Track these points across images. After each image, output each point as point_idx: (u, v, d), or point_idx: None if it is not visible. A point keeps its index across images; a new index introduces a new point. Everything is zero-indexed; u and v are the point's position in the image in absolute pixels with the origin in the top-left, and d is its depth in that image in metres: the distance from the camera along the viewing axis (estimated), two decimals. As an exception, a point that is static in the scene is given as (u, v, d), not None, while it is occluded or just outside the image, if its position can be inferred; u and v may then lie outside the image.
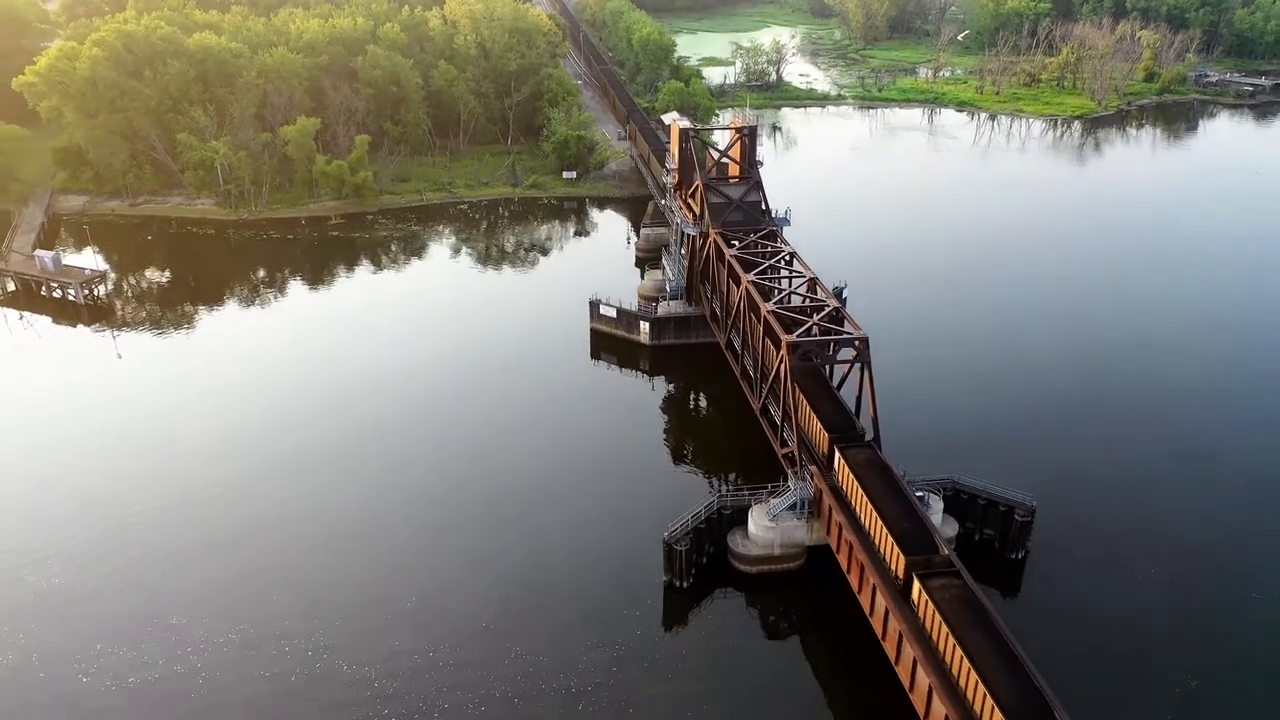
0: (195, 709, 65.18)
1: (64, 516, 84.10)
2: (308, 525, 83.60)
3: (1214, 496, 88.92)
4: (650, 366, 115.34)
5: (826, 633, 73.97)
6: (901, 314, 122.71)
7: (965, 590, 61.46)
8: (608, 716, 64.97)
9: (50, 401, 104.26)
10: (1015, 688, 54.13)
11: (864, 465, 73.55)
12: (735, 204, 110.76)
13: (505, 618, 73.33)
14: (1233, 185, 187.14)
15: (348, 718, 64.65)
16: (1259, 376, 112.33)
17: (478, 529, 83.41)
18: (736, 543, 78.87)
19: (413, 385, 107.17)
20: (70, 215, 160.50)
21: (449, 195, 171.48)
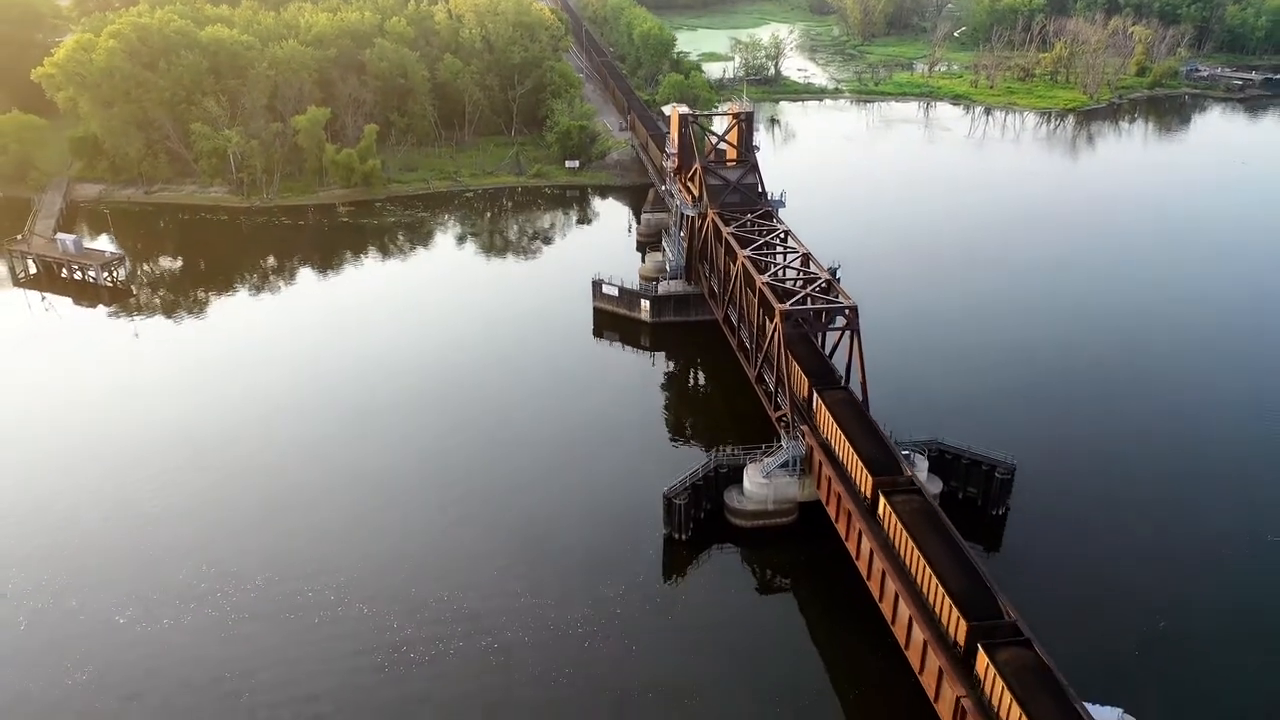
0: (227, 638, 69.72)
1: (91, 480, 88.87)
2: (328, 486, 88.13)
3: (1184, 459, 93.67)
4: (651, 343, 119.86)
5: (816, 582, 78.40)
6: (893, 293, 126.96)
7: (924, 504, 68.42)
8: (612, 652, 69.47)
9: (75, 373, 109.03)
10: (964, 580, 60.65)
11: (839, 403, 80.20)
12: (732, 186, 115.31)
13: (515, 566, 77.80)
14: (1218, 174, 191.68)
15: (369, 653, 69.05)
16: (1233, 352, 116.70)
17: (489, 490, 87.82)
18: (733, 499, 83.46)
19: (422, 361, 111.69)
20: (87, 202, 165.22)
21: (455, 184, 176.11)
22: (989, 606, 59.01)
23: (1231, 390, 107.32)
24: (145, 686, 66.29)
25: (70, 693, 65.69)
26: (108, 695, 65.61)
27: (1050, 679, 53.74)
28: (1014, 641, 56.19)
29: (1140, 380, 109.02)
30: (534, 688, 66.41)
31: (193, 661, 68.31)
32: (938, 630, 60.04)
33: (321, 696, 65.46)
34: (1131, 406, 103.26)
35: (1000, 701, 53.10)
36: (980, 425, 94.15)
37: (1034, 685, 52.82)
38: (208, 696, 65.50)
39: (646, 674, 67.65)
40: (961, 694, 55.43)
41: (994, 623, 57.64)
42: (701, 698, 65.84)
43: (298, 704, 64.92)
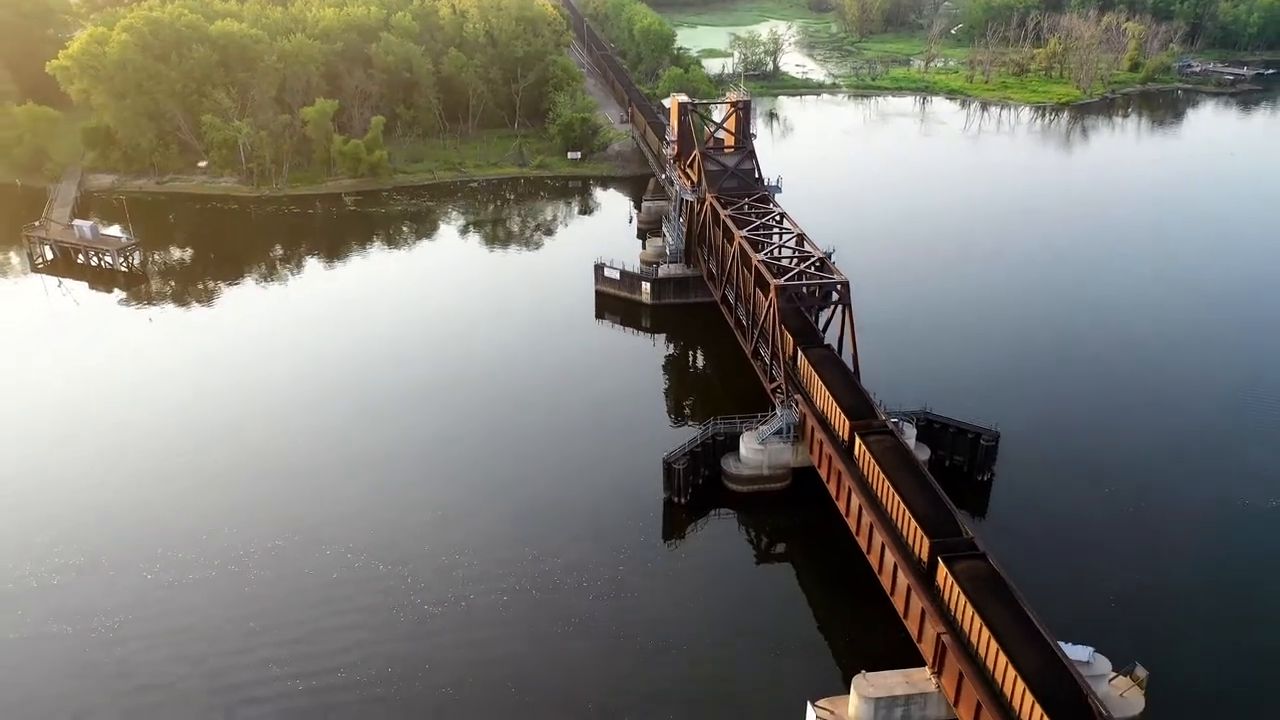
0: (248, 596, 73.59)
1: (118, 450, 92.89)
2: (342, 457, 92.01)
3: (1165, 431, 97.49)
4: (651, 324, 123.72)
5: (810, 543, 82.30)
6: (887, 277, 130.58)
7: (896, 443, 73.88)
8: (616, 604, 73.32)
9: (94, 355, 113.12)
10: (928, 506, 66.29)
11: (821, 359, 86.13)
12: (730, 171, 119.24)
13: (522, 527, 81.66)
14: (1208, 165, 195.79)
15: (384, 605, 72.93)
16: (1219, 334, 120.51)
17: (496, 461, 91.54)
18: (729, 465, 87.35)
19: (429, 344, 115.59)
20: (100, 192, 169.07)
21: (459, 174, 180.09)
22: (949, 527, 64.72)
23: (1214, 369, 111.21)
24: (176, 624, 70.19)
25: (101, 637, 69.53)
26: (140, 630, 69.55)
27: (1002, 585, 58.83)
28: (970, 555, 61.72)
29: (1125, 358, 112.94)
30: (546, 635, 70.21)
31: (221, 612, 72.18)
32: (905, 552, 65.34)
33: (351, 648, 69.10)
34: (1116, 382, 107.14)
35: (957, 605, 58.55)
36: (967, 399, 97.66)
37: (987, 591, 57.91)
38: (235, 634, 69.39)
39: (648, 622, 71.46)
40: (925, 605, 60.72)
41: (953, 540, 63.35)
42: (700, 642, 69.73)
43: (325, 655, 68.62)
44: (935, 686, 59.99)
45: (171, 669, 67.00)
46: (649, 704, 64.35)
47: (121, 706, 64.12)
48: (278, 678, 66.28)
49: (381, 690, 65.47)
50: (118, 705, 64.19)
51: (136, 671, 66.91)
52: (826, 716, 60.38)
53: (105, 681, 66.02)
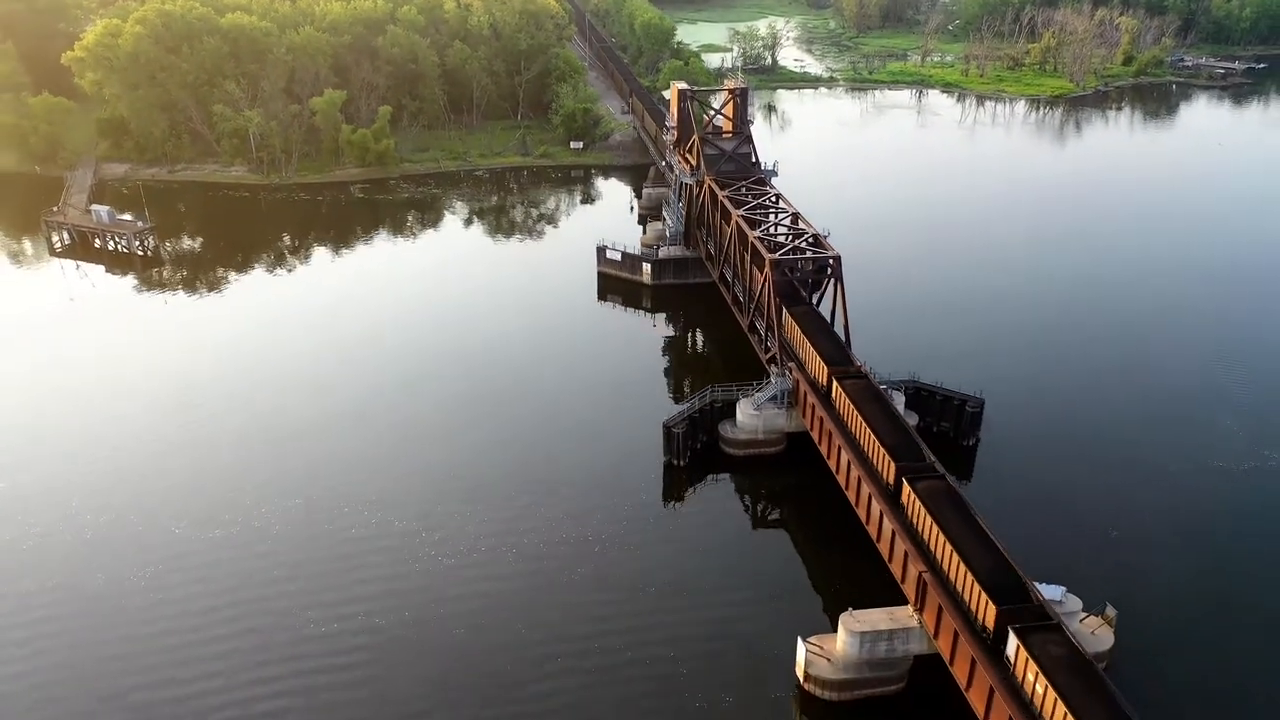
0: (263, 553, 77.82)
1: (139, 424, 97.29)
2: (357, 423, 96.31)
3: (1142, 397, 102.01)
4: (652, 304, 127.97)
5: (802, 502, 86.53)
6: (880, 259, 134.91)
7: (869, 385, 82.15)
8: (620, 555, 77.57)
9: (114, 333, 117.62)
10: (896, 436, 73.57)
11: (804, 314, 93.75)
12: (728, 155, 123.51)
13: (532, 489, 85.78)
14: (1196, 154, 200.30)
15: (401, 555, 77.22)
16: (1199, 310, 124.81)
17: (504, 428, 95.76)
18: (726, 430, 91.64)
19: (437, 323, 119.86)
20: (114, 181, 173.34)
21: (464, 163, 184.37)
22: (913, 453, 71.47)
23: (1192, 342, 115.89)
24: (205, 571, 74.50)
25: (136, 587, 73.81)
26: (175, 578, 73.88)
27: (958, 498, 66.57)
28: (931, 476, 68.91)
29: (1107, 331, 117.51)
30: (553, 582, 74.46)
31: (246, 562, 76.51)
32: (875, 478, 72.29)
33: (370, 595, 73.37)
34: (1096, 353, 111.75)
35: (917, 517, 66.23)
36: (954, 370, 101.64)
37: (945, 504, 65.57)
38: (260, 579, 73.68)
39: (650, 572, 75.64)
40: (894, 526, 67.53)
41: (917, 464, 70.19)
42: (700, 589, 74.00)
43: (346, 601, 72.89)
44: (917, 622, 64.23)
45: (202, 605, 71.27)
46: (653, 644, 68.56)
47: (152, 642, 68.36)
48: (299, 622, 70.48)
49: (400, 631, 69.72)
50: (150, 637, 68.45)
51: (167, 612, 71.17)
52: (816, 651, 64.60)
53: (137, 619, 70.31)
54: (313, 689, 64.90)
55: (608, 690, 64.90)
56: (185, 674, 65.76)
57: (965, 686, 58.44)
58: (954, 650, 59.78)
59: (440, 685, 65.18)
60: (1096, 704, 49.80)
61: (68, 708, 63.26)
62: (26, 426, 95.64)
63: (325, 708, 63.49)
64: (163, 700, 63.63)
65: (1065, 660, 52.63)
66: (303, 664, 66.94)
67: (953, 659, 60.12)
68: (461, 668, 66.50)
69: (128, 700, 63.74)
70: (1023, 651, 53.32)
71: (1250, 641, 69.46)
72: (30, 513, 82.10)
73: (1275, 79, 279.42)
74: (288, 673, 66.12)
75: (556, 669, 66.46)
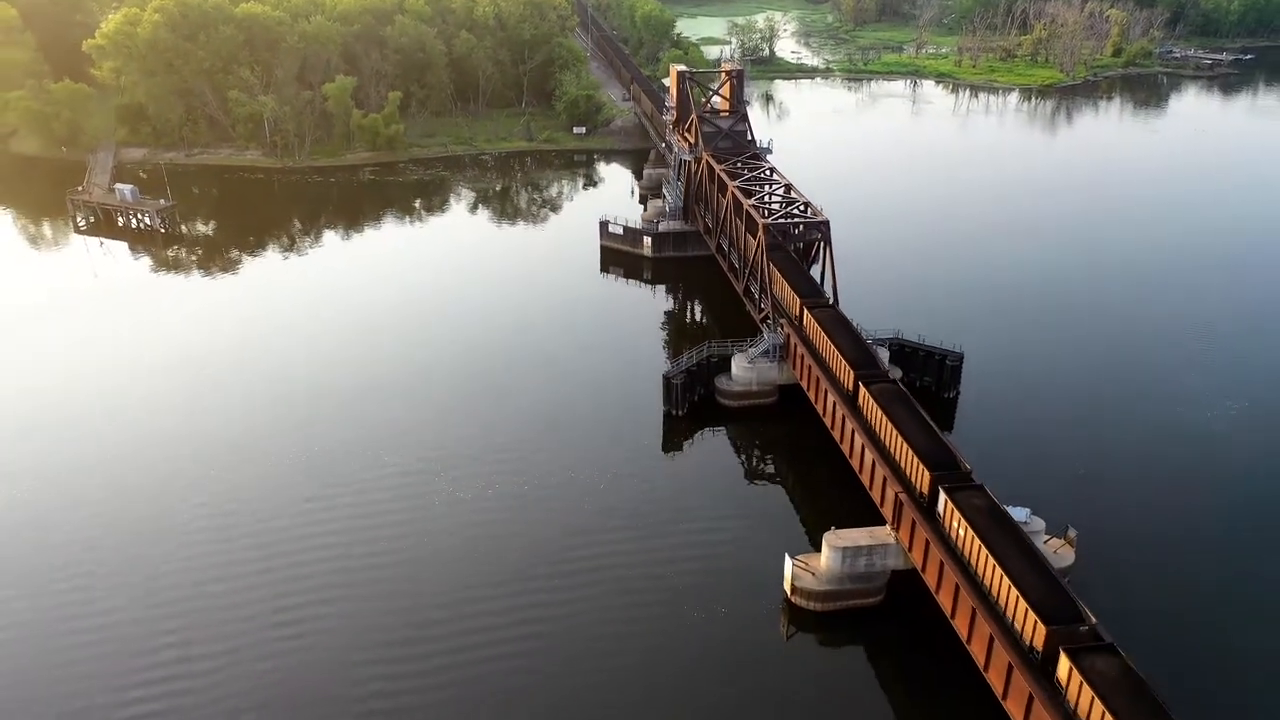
0: (310, 495, 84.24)
1: (177, 376, 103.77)
2: (376, 381, 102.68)
3: (1115, 356, 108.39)
4: (652, 276, 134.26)
5: (792, 444, 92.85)
6: (868, 232, 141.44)
7: (835, 312, 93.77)
8: (624, 490, 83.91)
9: (139, 307, 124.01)
10: (855, 351, 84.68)
11: (782, 260, 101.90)
12: (725, 133, 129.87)
13: (541, 437, 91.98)
14: (1179, 140, 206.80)
15: (420, 485, 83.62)
16: (1177, 282, 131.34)
17: (513, 386, 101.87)
18: (722, 383, 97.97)
19: (445, 297, 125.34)
20: (132, 165, 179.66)
21: (471, 148, 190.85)
22: (870, 362, 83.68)
23: (1163, 306, 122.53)
24: (240, 506, 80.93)
25: (175, 520, 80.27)
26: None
27: (905, 397, 78.02)
28: (882, 380, 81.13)
29: (1085, 296, 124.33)
30: (562, 510, 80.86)
31: (277, 496, 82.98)
32: (838, 385, 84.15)
33: (394, 524, 79.73)
34: (1072, 319, 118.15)
35: (874, 417, 77.09)
36: (937, 329, 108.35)
37: (896, 403, 76.15)
38: (290, 510, 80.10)
39: (652, 504, 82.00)
40: (863, 441, 74.03)
41: (872, 372, 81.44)
42: (699, 520, 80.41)
43: (373, 528, 79.25)
44: (894, 539, 70.55)
45: (237, 533, 77.80)
46: (654, 564, 74.90)
47: (192, 563, 74.79)
48: (328, 545, 76.88)
49: (421, 553, 76.08)
50: (194, 550, 74.89)
51: (205, 536, 77.68)
52: (802, 566, 70.95)
53: (183, 540, 76.79)
54: (356, 583, 72.49)
55: (613, 599, 71.23)
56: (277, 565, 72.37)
57: (929, 578, 64.89)
58: (925, 559, 66.19)
59: (465, 585, 71.83)
60: (1009, 544, 60.06)
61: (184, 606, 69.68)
62: (61, 399, 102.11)
63: (372, 596, 70.01)
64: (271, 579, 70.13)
65: (985, 509, 63.90)
66: (351, 563, 73.73)
67: (924, 566, 66.52)
68: (479, 577, 72.88)
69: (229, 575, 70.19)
70: (950, 505, 63.90)
71: (1197, 562, 75.87)
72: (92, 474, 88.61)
73: (1262, 70, 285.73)
74: (352, 565, 73.02)
75: (565, 584, 72.74)
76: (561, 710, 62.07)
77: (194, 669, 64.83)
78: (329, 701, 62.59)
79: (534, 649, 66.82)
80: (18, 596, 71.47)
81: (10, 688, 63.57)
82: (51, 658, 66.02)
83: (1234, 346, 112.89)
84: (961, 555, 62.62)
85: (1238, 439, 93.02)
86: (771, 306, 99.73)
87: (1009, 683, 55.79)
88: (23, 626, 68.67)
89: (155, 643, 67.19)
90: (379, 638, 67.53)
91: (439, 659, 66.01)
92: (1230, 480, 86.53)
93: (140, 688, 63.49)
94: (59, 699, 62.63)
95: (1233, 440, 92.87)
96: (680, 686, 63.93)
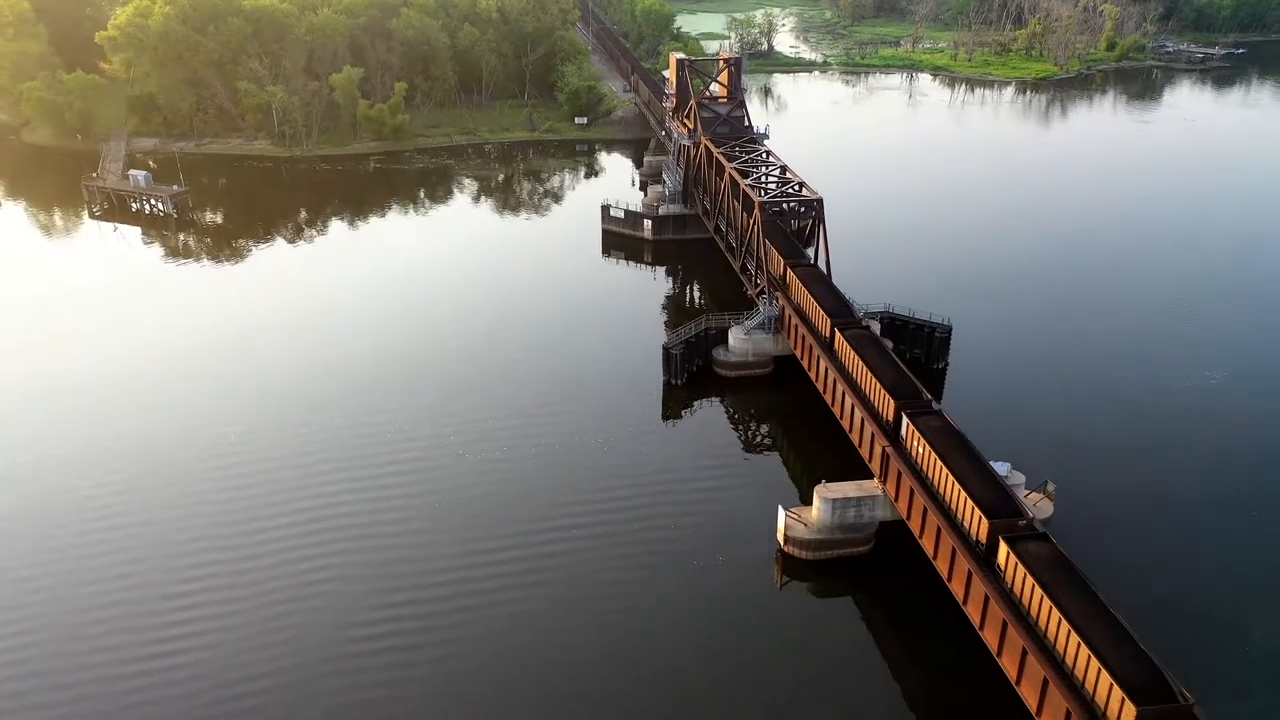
0: (304, 451, 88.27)
1: (192, 360, 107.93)
2: (391, 360, 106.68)
3: (1096, 327, 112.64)
4: (653, 258, 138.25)
5: (787, 412, 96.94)
6: (861, 212, 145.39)
7: (816, 270, 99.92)
8: (627, 451, 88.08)
9: (156, 288, 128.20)
10: (832, 300, 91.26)
11: (768, 223, 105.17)
12: (723, 118, 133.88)
13: (544, 406, 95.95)
14: (1169, 129, 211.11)
15: (434, 451, 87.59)
16: (1158, 259, 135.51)
17: (519, 358, 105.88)
18: (719, 354, 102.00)
19: (452, 278, 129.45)
20: (143, 154, 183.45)
21: (475, 138, 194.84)
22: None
23: (1146, 283, 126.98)
24: (265, 460, 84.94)
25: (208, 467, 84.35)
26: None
27: (877, 340, 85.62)
28: (857, 327, 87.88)
29: (1068, 271, 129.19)
30: (568, 473, 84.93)
31: (296, 458, 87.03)
32: (815, 332, 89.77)
33: (408, 481, 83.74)
34: (1058, 294, 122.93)
35: (848, 359, 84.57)
36: (927, 303, 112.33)
37: (867, 345, 75.83)
38: (310, 471, 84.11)
39: (653, 465, 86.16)
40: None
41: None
42: (698, 477, 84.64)
43: (391, 485, 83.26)
44: (881, 491, 74.52)
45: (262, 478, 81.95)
46: (655, 517, 78.93)
47: (217, 487, 78.86)
48: (370, 489, 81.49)
49: (432, 498, 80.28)
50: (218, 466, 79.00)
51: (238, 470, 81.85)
52: (795, 517, 74.94)
53: (215, 478, 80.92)
54: (387, 520, 77.89)
55: (617, 549, 75.31)
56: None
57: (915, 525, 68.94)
58: (909, 507, 70.19)
59: (475, 537, 75.85)
60: (959, 455, 67.39)
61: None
62: (92, 378, 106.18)
63: (401, 533, 74.33)
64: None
65: (941, 429, 71.29)
66: (379, 504, 77.94)
67: (909, 514, 70.52)
68: (489, 529, 76.93)
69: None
70: (912, 429, 71.02)
71: (1169, 519, 79.99)
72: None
73: (1254, 64, 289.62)
74: (383, 504, 77.20)
75: (572, 535, 76.79)
76: (571, 648, 66.06)
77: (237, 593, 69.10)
78: (357, 626, 66.73)
79: (543, 593, 70.89)
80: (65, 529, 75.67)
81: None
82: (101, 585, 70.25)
83: (1214, 321, 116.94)
84: (919, 468, 69.84)
85: (1213, 407, 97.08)
86: (767, 281, 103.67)
87: (953, 565, 63.65)
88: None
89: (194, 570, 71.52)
90: (394, 584, 71.61)
91: (453, 600, 70.09)
92: (1204, 445, 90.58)
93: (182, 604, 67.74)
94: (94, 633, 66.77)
95: (1209, 409, 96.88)
96: (682, 626, 67.99)
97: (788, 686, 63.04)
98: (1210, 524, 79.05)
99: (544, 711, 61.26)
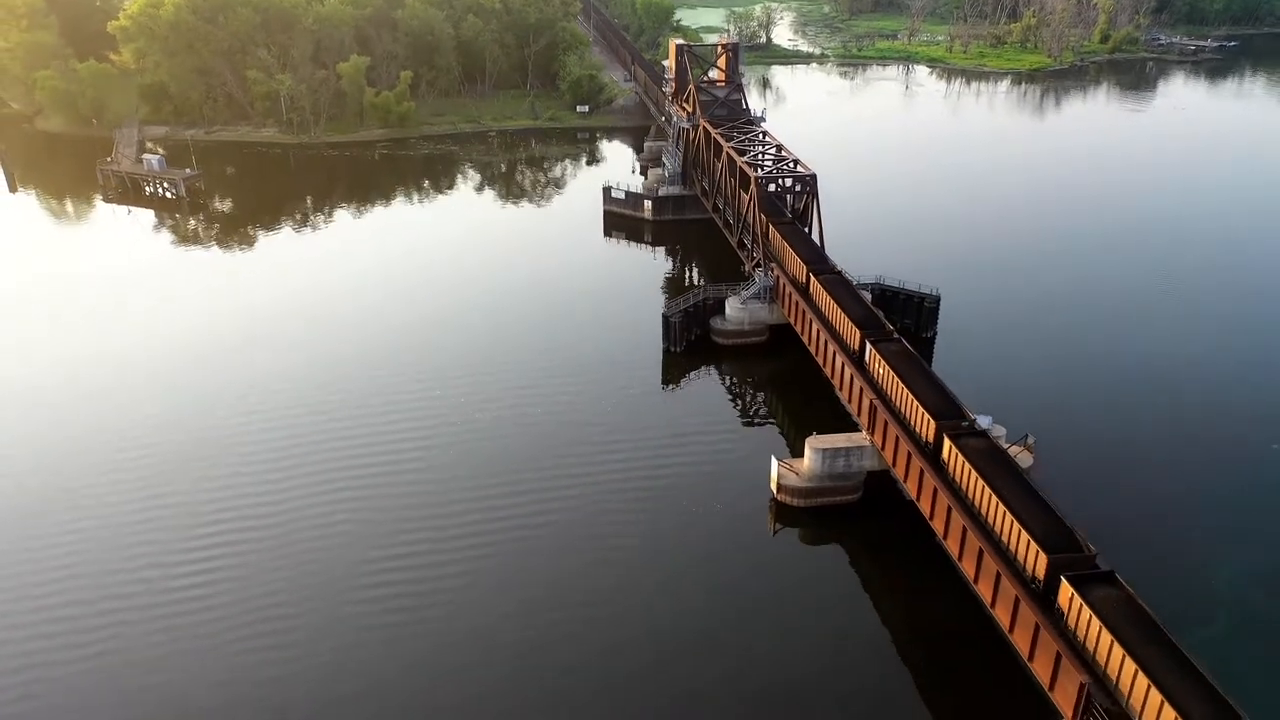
0: (322, 411, 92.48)
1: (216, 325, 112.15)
2: (406, 322, 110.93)
3: (1081, 300, 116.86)
4: (653, 238, 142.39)
5: (781, 377, 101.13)
6: (856, 193, 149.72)
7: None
8: (629, 413, 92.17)
9: (170, 269, 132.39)
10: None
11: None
12: (721, 101, 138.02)
13: (553, 371, 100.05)
14: (1161, 116, 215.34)
15: (442, 415, 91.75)
16: (1143, 239, 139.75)
17: (523, 332, 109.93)
18: (717, 323, 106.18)
19: (458, 259, 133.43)
20: (155, 141, 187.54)
21: (479, 126, 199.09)
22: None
23: (1133, 255, 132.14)
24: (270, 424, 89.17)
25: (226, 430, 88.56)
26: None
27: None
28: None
29: (1054, 243, 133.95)
30: (572, 429, 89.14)
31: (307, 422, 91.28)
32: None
33: (416, 442, 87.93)
34: (1043, 266, 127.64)
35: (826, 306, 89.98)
36: (917, 275, 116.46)
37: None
38: (317, 434, 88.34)
39: (653, 424, 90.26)
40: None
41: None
42: (696, 435, 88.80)
43: (396, 446, 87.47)
44: (869, 442, 78.73)
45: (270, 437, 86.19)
46: (656, 470, 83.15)
47: (226, 444, 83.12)
48: (389, 441, 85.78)
49: (438, 455, 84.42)
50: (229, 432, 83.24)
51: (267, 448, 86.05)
52: (787, 467, 79.15)
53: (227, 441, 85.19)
54: (402, 469, 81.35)
55: (617, 497, 79.49)
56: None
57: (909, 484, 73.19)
58: (895, 453, 74.42)
59: (483, 486, 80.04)
60: (917, 375, 73.91)
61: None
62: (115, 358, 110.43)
63: (415, 482, 78.52)
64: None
65: (899, 353, 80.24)
66: (399, 450, 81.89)
67: (894, 461, 74.71)
68: (495, 479, 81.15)
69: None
70: (874, 353, 76.61)
71: (1142, 470, 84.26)
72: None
73: (1245, 56, 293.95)
74: (400, 456, 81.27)
75: (576, 485, 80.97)
76: (576, 587, 70.10)
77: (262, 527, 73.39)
78: (369, 561, 71.01)
79: (549, 531, 75.16)
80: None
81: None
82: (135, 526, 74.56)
83: (1198, 280, 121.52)
84: (882, 389, 77.43)
85: (1195, 374, 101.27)
86: (763, 254, 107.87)
87: (898, 450, 72.61)
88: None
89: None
90: (411, 525, 75.86)
91: (463, 540, 74.31)
92: (1184, 402, 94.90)
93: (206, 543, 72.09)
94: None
95: (1190, 375, 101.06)
96: (681, 567, 72.10)
97: (783, 615, 67.31)
98: (1182, 472, 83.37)
99: (552, 633, 65.39)
